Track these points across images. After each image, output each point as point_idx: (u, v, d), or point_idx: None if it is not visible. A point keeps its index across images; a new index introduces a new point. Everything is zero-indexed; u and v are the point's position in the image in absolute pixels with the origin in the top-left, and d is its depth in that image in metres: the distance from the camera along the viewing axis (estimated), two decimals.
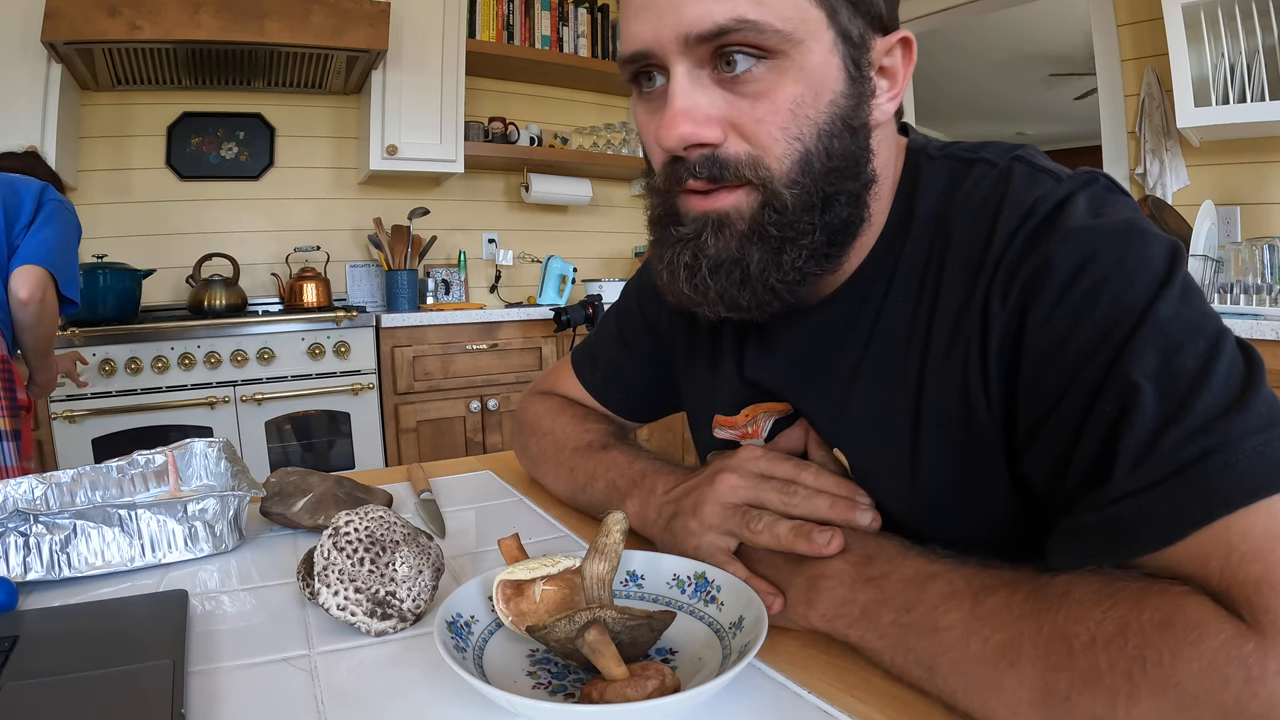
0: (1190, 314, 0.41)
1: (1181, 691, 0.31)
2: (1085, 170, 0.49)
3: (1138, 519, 0.37)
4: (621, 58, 0.52)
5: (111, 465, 0.73)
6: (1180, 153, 2.34)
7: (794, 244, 0.50)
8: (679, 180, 0.50)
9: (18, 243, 1.63)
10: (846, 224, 0.52)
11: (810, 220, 0.50)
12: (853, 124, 0.50)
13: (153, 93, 2.62)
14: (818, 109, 0.48)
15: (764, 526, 0.50)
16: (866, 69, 0.50)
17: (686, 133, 0.48)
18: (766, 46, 0.46)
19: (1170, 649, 0.32)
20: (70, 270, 1.69)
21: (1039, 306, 0.44)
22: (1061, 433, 0.43)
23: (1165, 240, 0.44)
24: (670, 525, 0.56)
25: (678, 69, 0.48)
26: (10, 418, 1.54)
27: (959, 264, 0.50)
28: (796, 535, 0.49)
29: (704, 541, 0.53)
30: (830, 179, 0.50)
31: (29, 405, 1.65)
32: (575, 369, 0.85)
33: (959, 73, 5.09)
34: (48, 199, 1.70)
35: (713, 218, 0.50)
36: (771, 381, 0.63)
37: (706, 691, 0.37)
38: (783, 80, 0.47)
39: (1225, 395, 0.37)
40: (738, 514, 0.52)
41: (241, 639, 0.50)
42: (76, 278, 1.73)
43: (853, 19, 0.49)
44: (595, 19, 3.23)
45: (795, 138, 0.48)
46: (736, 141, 0.49)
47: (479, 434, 2.65)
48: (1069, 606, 0.36)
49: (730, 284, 0.51)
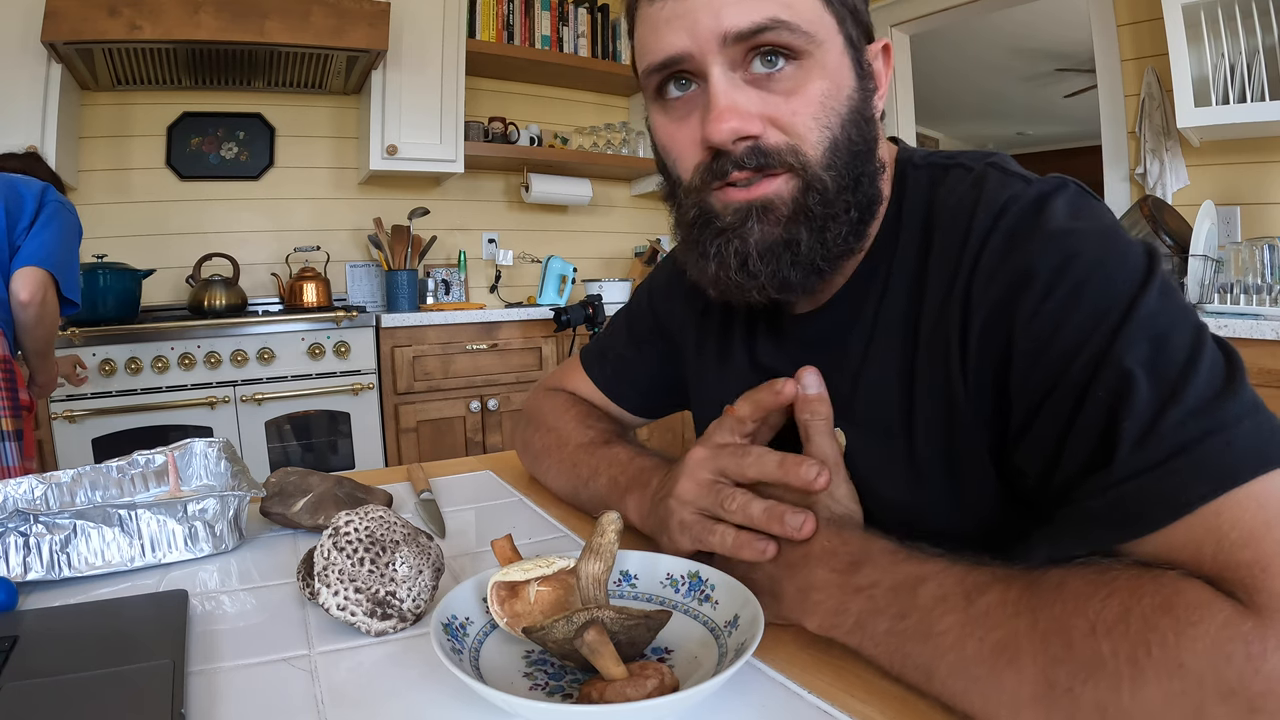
0: (1172, 308, 0.43)
1: (1186, 672, 0.32)
2: (1054, 176, 0.53)
3: (1143, 498, 0.38)
4: (651, 66, 0.54)
5: (111, 465, 0.73)
6: (1180, 153, 2.34)
7: (836, 220, 0.54)
8: (721, 175, 0.53)
9: (19, 243, 1.64)
10: (871, 202, 0.57)
11: (846, 199, 0.54)
12: (865, 115, 0.55)
13: (153, 93, 2.62)
14: (839, 101, 0.54)
15: (738, 506, 0.50)
16: (868, 68, 0.56)
17: (737, 126, 0.51)
18: (795, 47, 0.51)
19: (1173, 631, 0.33)
20: (71, 271, 1.69)
21: (1025, 306, 0.46)
22: (1055, 422, 0.44)
23: (1141, 243, 0.47)
24: (656, 509, 0.57)
25: (715, 70, 0.52)
26: (12, 418, 1.55)
27: (939, 264, 0.53)
28: (769, 516, 0.48)
29: (685, 516, 0.53)
30: (856, 162, 0.55)
31: (31, 405, 1.67)
32: (584, 365, 0.86)
33: (959, 73, 5.09)
34: (49, 200, 1.70)
35: (756, 205, 0.53)
36: (785, 374, 0.63)
37: (706, 690, 0.37)
38: (810, 77, 0.52)
39: (1213, 382, 0.40)
40: (712, 490, 0.52)
41: (241, 639, 0.50)
42: (77, 279, 1.73)
43: (854, 26, 0.55)
44: (595, 19, 3.23)
45: (825, 126, 0.53)
46: (775, 133, 0.52)
47: (479, 434, 2.65)
48: (1065, 598, 0.36)
49: (782, 265, 0.54)
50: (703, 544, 0.52)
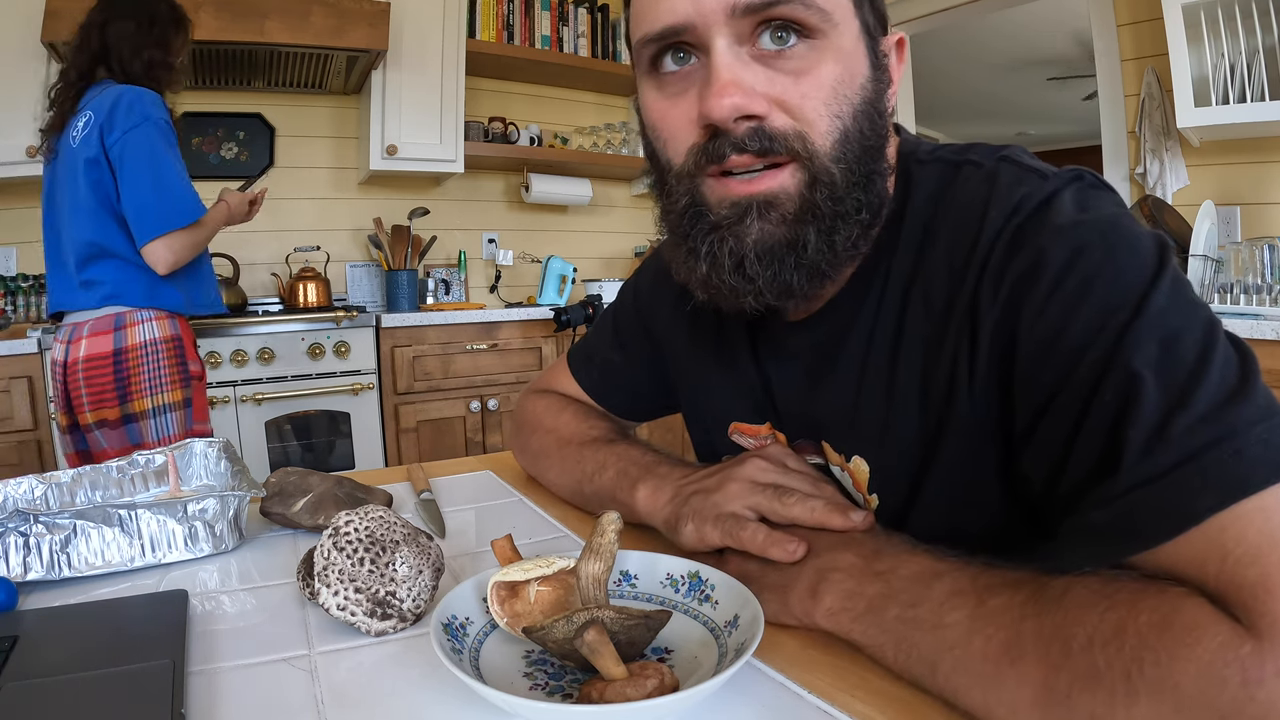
0: (1183, 304, 0.41)
1: (1180, 693, 0.31)
2: (1071, 168, 0.50)
3: (1148, 510, 0.37)
4: (647, 35, 0.50)
5: (111, 465, 0.73)
6: (1180, 153, 2.34)
7: (845, 221, 0.50)
8: (718, 158, 0.48)
9: (122, 209, 1.52)
10: (880, 204, 0.53)
11: (857, 197, 0.50)
12: (878, 108, 0.51)
13: None
14: (853, 90, 0.49)
15: (796, 500, 0.51)
16: (882, 60, 0.52)
17: (740, 103, 0.46)
18: (809, 24, 0.47)
19: (1167, 651, 0.32)
20: (174, 203, 1.52)
21: (1031, 302, 0.45)
22: (1061, 426, 0.43)
23: (1152, 234, 0.44)
24: (689, 501, 0.56)
25: (719, 42, 0.47)
26: (182, 388, 1.56)
27: (947, 265, 0.50)
28: (831, 510, 0.50)
29: (726, 510, 0.53)
30: (867, 158, 0.50)
31: (200, 374, 1.65)
32: (572, 368, 0.85)
33: (957, 73, 5.09)
34: (110, 142, 1.50)
35: (758, 200, 0.49)
36: (785, 384, 0.63)
37: (706, 689, 0.37)
38: (824, 59, 0.48)
39: (1224, 384, 0.37)
40: (766, 491, 0.53)
41: (241, 639, 0.50)
42: (182, 200, 1.54)
43: (870, 13, 0.51)
44: (595, 19, 3.22)
45: (836, 115, 0.48)
46: (781, 116, 0.48)
47: (479, 434, 2.65)
48: (1066, 607, 0.36)
49: (784, 269, 0.49)
50: (733, 538, 0.52)
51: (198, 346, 1.68)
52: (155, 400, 1.54)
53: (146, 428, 1.55)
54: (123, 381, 1.52)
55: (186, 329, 1.63)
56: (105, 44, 1.57)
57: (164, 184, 1.51)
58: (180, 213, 1.53)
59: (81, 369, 1.52)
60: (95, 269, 1.53)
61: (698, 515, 0.54)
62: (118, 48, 1.58)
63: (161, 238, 1.51)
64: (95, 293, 1.54)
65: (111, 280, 1.54)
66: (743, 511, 0.53)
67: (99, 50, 1.57)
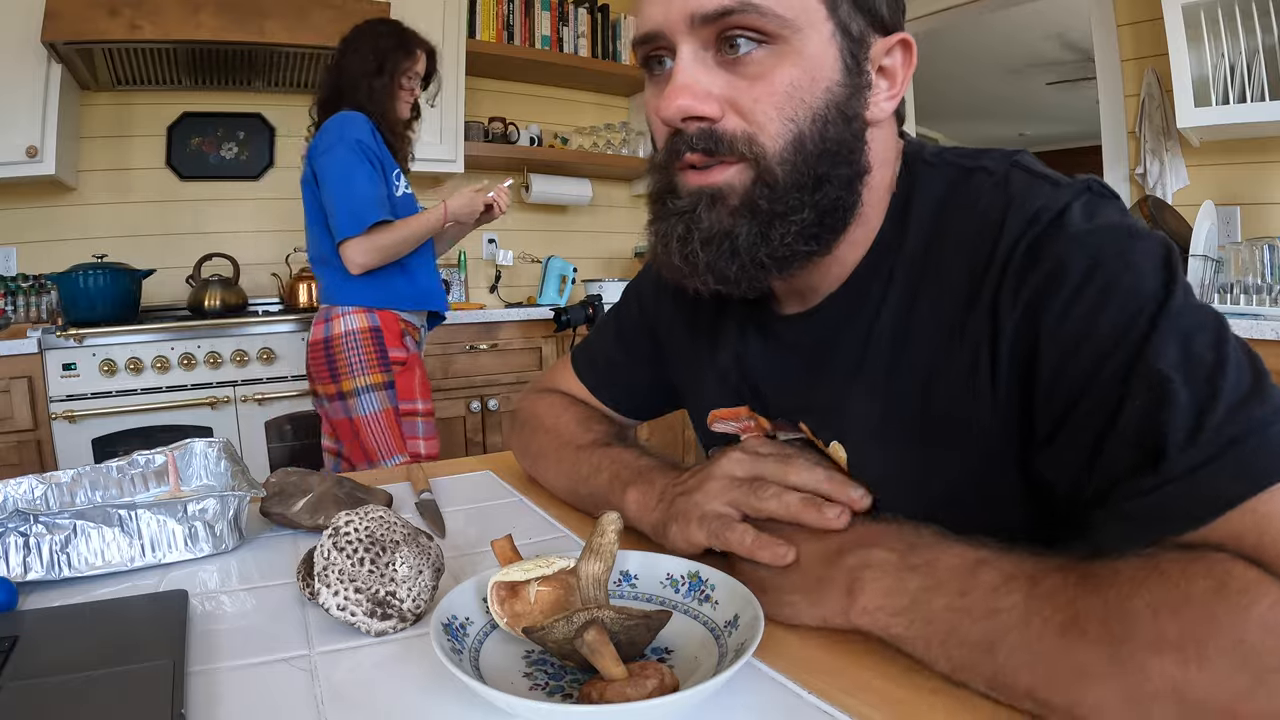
0: (1193, 306, 0.44)
1: (1246, 648, 0.33)
2: (1082, 178, 0.52)
3: (1190, 495, 0.39)
4: (635, 40, 0.55)
5: (111, 465, 0.73)
6: (1180, 153, 2.34)
7: (784, 219, 0.52)
8: (678, 154, 0.53)
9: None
10: (836, 206, 0.54)
11: (800, 198, 0.52)
12: (847, 113, 0.53)
13: (153, 93, 2.62)
14: (813, 94, 0.51)
15: (772, 494, 0.51)
16: (865, 64, 0.53)
17: (685, 105, 0.51)
18: (767, 31, 0.49)
19: (1227, 611, 0.34)
20: (351, 213, 1.74)
21: (1053, 308, 0.46)
22: (1091, 426, 0.44)
23: (1159, 238, 0.47)
24: (674, 504, 0.57)
25: (683, 48, 0.51)
26: (382, 372, 1.82)
27: (961, 268, 0.51)
28: (806, 506, 0.49)
29: (708, 510, 0.53)
30: (823, 161, 0.52)
31: (404, 360, 1.88)
32: (575, 367, 0.86)
33: (957, 73, 5.09)
34: (315, 154, 1.79)
35: (707, 192, 0.53)
36: (773, 377, 0.63)
37: (707, 690, 0.37)
38: (781, 64, 0.50)
39: (1242, 381, 0.41)
40: (743, 486, 0.53)
41: (241, 639, 0.50)
42: (370, 204, 1.75)
43: (853, 15, 0.52)
44: (595, 19, 3.23)
45: (790, 119, 0.51)
46: (734, 119, 0.51)
47: (479, 434, 2.65)
48: (1119, 583, 0.37)
49: (719, 256, 0.53)
50: (719, 540, 0.52)
51: (406, 336, 1.90)
52: (359, 381, 1.82)
53: (354, 404, 1.83)
54: (332, 364, 1.84)
55: (391, 321, 1.86)
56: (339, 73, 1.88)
57: (343, 196, 1.76)
58: (357, 220, 1.76)
59: (308, 352, 1.91)
60: (318, 270, 1.93)
61: (682, 517, 0.55)
62: (350, 79, 1.86)
63: (347, 242, 1.77)
64: (320, 291, 1.94)
65: (325, 281, 1.90)
66: (724, 509, 0.53)
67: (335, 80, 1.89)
